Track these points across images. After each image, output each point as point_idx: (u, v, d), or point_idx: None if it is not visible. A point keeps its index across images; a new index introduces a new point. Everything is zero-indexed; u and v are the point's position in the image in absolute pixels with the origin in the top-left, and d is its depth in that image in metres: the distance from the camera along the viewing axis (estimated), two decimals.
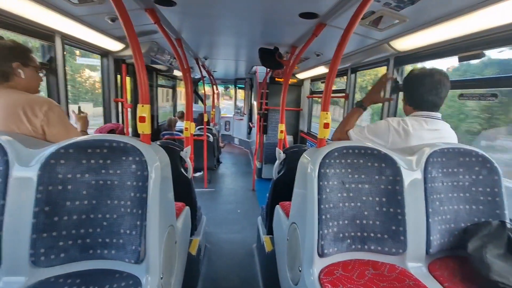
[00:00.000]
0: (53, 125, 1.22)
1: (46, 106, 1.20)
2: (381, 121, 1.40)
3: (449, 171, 1.25)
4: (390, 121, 1.37)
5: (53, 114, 1.22)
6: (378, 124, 1.40)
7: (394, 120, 1.37)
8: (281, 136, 2.64)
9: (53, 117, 1.22)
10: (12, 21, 1.57)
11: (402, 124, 1.34)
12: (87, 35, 2.13)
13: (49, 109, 1.21)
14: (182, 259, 1.64)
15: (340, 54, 1.22)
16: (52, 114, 1.22)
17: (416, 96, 1.37)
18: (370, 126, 1.42)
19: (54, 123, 1.22)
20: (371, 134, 1.39)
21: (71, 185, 1.06)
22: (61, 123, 1.25)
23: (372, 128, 1.40)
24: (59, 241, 1.04)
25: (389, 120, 1.37)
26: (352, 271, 1.12)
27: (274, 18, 1.88)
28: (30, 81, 1.26)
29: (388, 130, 1.35)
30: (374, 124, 1.42)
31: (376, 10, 1.46)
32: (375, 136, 1.38)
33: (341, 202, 1.19)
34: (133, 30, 1.14)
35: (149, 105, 1.19)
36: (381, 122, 1.39)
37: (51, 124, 1.22)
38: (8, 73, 1.20)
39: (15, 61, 1.20)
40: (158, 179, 1.11)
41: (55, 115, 1.23)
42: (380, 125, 1.39)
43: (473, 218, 1.23)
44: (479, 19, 1.30)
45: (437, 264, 1.20)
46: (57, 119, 1.24)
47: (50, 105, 1.23)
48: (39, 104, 1.19)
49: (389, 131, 1.35)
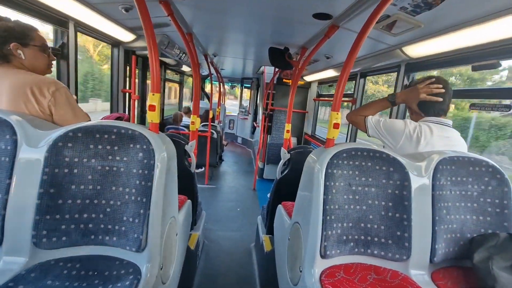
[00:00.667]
0: (60, 106, 1.21)
1: (53, 87, 1.20)
2: (399, 121, 1.39)
3: (458, 180, 1.23)
4: (408, 124, 1.36)
5: (60, 95, 1.21)
6: (395, 122, 1.39)
7: (412, 124, 1.36)
8: (287, 136, 2.63)
9: (60, 98, 1.21)
10: (29, 5, 1.57)
11: (417, 130, 1.33)
12: (100, 23, 2.13)
13: (57, 90, 1.20)
14: (181, 252, 1.63)
15: (354, 57, 1.21)
16: (59, 95, 1.21)
17: (425, 103, 1.37)
18: (387, 121, 1.41)
19: (61, 104, 1.21)
20: (386, 129, 1.38)
21: (77, 169, 1.06)
22: (68, 105, 1.24)
23: (389, 124, 1.39)
24: (62, 224, 1.03)
25: (407, 122, 1.36)
26: (354, 274, 1.11)
27: (287, 17, 1.87)
28: (33, 61, 1.24)
29: (402, 133, 1.34)
30: (392, 121, 1.41)
31: (392, 14, 1.45)
32: (388, 134, 1.38)
33: (347, 204, 1.17)
34: (150, 20, 1.14)
35: (159, 94, 1.18)
36: (399, 122, 1.39)
37: (58, 105, 1.21)
38: (7, 54, 1.18)
39: (13, 42, 1.17)
40: (164, 169, 1.10)
41: (62, 96, 1.22)
42: (397, 125, 1.38)
43: (480, 229, 1.21)
44: (495, 28, 1.28)
45: (441, 273, 1.18)
46: (65, 100, 1.23)
47: (57, 85, 1.22)
48: (46, 84, 1.18)
49: (403, 133, 1.34)
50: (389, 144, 1.39)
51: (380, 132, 1.40)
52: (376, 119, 1.43)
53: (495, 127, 3.81)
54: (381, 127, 1.40)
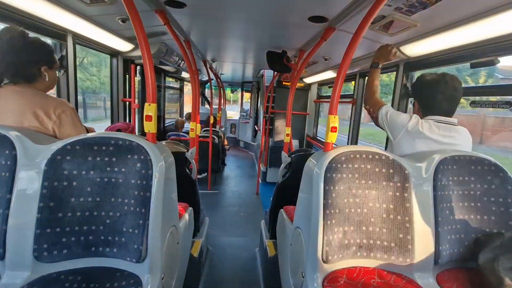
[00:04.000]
0: (64, 127, 1.23)
1: (60, 109, 1.21)
2: (403, 115, 1.40)
3: (460, 180, 1.21)
4: (410, 120, 1.35)
5: (66, 116, 1.23)
6: (399, 116, 1.40)
7: (414, 120, 1.35)
8: (287, 139, 2.62)
9: (66, 119, 1.22)
10: (28, 20, 1.60)
11: (417, 127, 1.33)
12: (98, 35, 2.16)
13: (63, 112, 1.21)
14: (183, 261, 1.62)
15: (349, 59, 1.21)
16: (65, 116, 1.22)
17: (430, 102, 1.36)
18: (394, 113, 1.43)
19: (66, 125, 1.23)
20: (390, 120, 1.41)
21: (76, 181, 1.06)
22: (73, 125, 1.26)
23: (394, 117, 1.41)
24: (62, 237, 1.04)
25: (410, 119, 1.36)
26: (357, 279, 1.09)
27: (283, 22, 1.88)
28: (50, 83, 1.27)
29: (402, 127, 1.35)
30: (397, 114, 1.42)
31: (387, 15, 1.45)
32: (390, 125, 1.40)
33: (347, 207, 1.16)
34: (143, 31, 1.15)
35: (155, 104, 1.19)
36: (402, 116, 1.39)
37: (63, 126, 1.22)
38: (35, 75, 1.19)
39: (44, 64, 1.19)
40: (162, 178, 1.10)
41: (68, 117, 1.23)
42: (399, 118, 1.39)
43: (484, 228, 1.19)
44: (493, 25, 1.27)
45: (446, 275, 1.16)
46: (70, 121, 1.24)
47: (64, 107, 1.23)
48: (53, 106, 1.19)
49: (403, 128, 1.35)
50: (390, 136, 1.41)
51: (385, 123, 1.43)
52: (386, 110, 1.45)
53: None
54: (387, 118, 1.42)
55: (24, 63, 1.15)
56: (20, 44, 1.14)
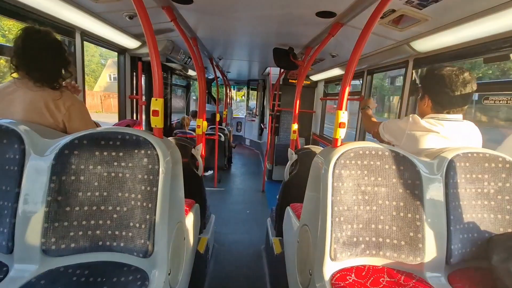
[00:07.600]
0: (74, 120, 1.26)
1: (69, 102, 1.24)
2: (400, 121, 1.41)
3: (473, 177, 1.18)
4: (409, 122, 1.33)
5: (75, 109, 1.26)
6: (395, 123, 1.43)
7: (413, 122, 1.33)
8: (294, 136, 2.60)
9: (75, 112, 1.26)
10: (37, 16, 1.61)
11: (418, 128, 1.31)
12: (106, 32, 2.17)
13: (72, 105, 1.25)
14: (190, 257, 1.62)
15: (358, 55, 1.19)
16: (74, 109, 1.26)
17: (445, 98, 1.29)
18: (387, 123, 1.48)
19: (75, 118, 1.26)
20: (387, 132, 1.46)
21: (83, 176, 1.07)
22: (82, 118, 1.29)
23: (388, 126, 1.46)
24: (70, 231, 1.04)
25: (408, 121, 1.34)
26: (366, 277, 1.07)
27: (290, 18, 1.85)
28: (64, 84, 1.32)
29: (403, 132, 1.34)
30: (392, 122, 1.47)
31: (397, 9, 1.41)
32: (390, 135, 1.44)
33: (356, 205, 1.14)
34: (151, 27, 1.14)
35: (162, 99, 1.18)
36: (400, 122, 1.40)
37: (72, 119, 1.26)
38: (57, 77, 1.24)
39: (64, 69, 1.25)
40: (169, 173, 1.10)
41: (77, 110, 1.27)
42: (397, 124, 1.41)
43: (498, 227, 1.16)
44: (508, 18, 1.22)
45: (458, 275, 1.13)
46: (79, 114, 1.28)
47: (73, 101, 1.27)
48: (63, 99, 1.23)
49: (404, 133, 1.34)
50: (395, 144, 1.41)
51: (387, 135, 1.47)
52: (382, 125, 1.52)
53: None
54: (387, 130, 1.47)
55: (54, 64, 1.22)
56: (56, 45, 1.22)
